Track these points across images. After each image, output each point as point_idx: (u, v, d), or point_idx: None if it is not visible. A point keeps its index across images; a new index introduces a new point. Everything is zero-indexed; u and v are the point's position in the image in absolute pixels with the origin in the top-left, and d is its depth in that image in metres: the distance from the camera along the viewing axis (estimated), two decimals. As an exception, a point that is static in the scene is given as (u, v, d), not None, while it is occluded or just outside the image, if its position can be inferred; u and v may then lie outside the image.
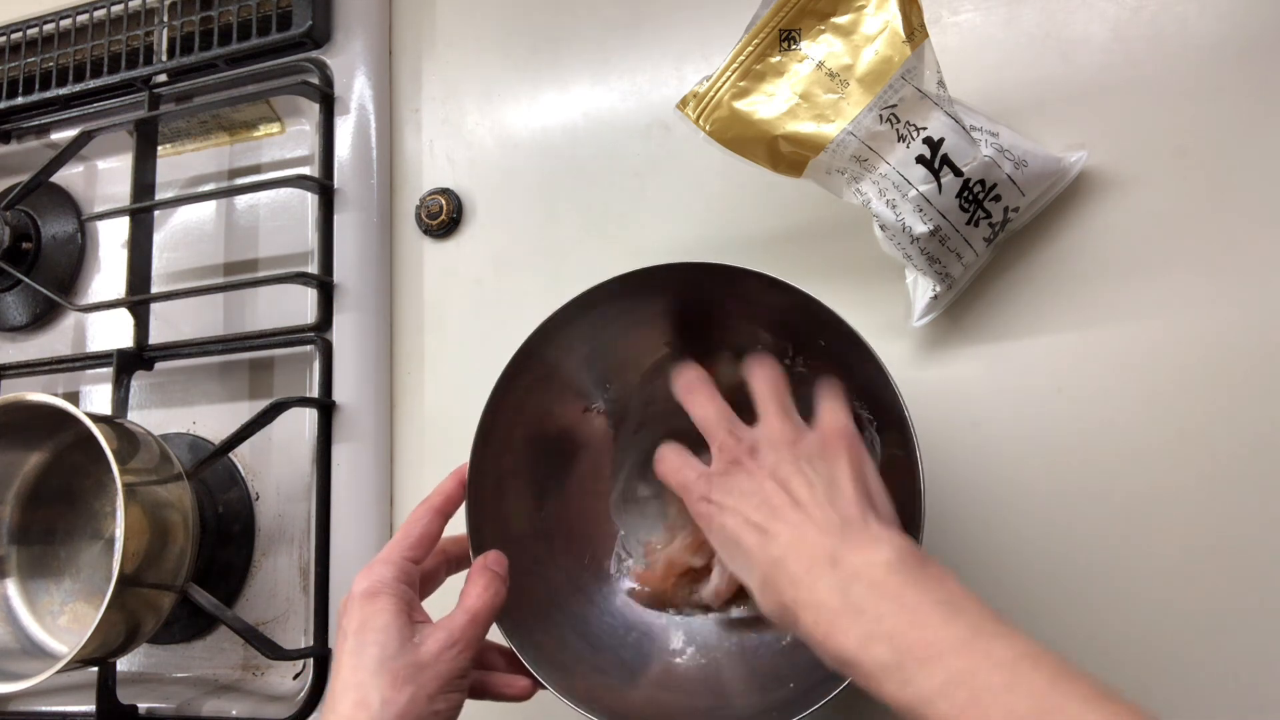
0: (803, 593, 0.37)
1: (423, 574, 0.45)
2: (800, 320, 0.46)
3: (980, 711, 0.31)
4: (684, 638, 0.51)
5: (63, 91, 0.72)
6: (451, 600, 0.44)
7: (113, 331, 0.73)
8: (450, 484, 0.46)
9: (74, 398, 0.73)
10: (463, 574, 0.46)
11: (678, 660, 0.50)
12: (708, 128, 0.48)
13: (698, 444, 0.45)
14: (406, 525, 0.45)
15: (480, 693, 0.44)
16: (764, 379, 0.45)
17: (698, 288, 0.47)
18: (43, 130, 0.75)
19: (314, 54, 0.67)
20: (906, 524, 0.43)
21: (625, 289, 0.46)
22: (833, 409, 0.43)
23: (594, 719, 0.42)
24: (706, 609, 0.51)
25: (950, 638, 0.33)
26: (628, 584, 0.52)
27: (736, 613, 0.51)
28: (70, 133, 0.72)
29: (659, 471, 0.46)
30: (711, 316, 0.49)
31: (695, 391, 0.46)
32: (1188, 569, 0.47)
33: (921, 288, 0.50)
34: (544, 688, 0.43)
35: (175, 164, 0.73)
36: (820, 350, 0.48)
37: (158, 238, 0.70)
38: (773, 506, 0.40)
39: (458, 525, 0.46)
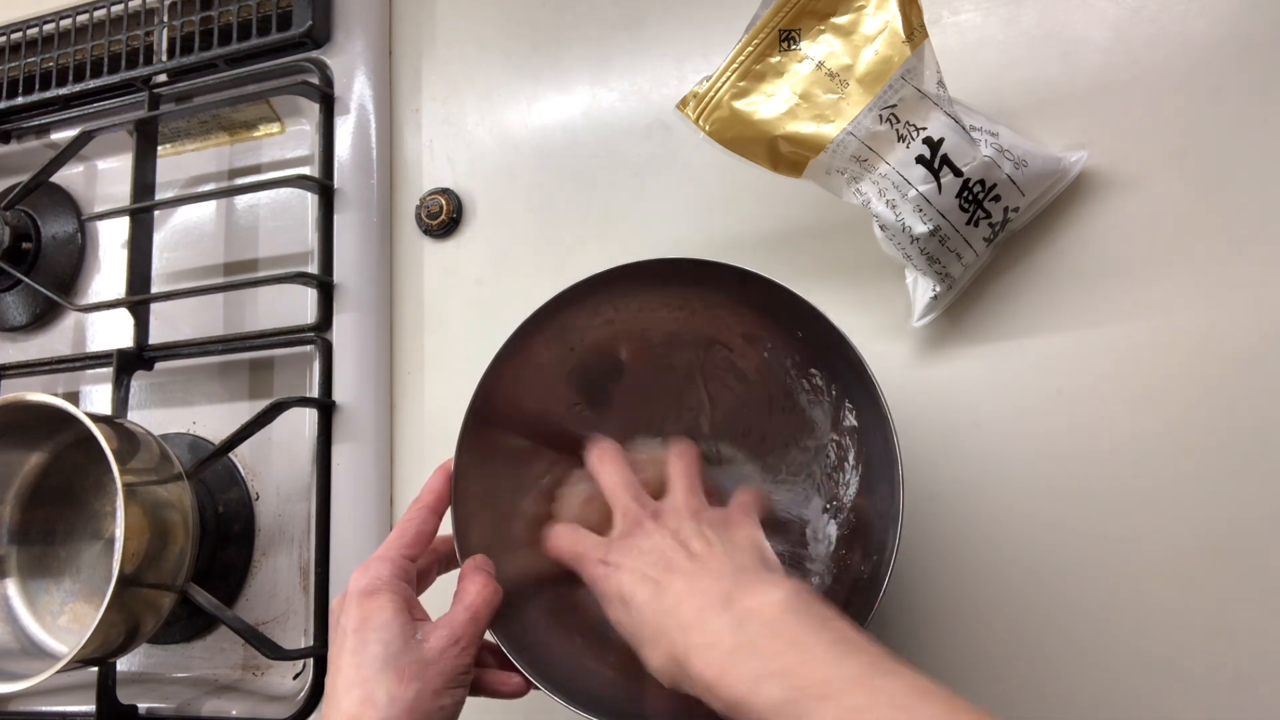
0: (694, 635, 0.37)
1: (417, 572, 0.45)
2: (779, 313, 0.46)
3: None
4: None
5: (63, 91, 0.72)
6: (439, 601, 0.44)
7: (113, 331, 0.73)
8: (438, 480, 0.46)
9: (74, 398, 0.73)
10: (451, 574, 0.46)
11: None
12: (707, 128, 0.48)
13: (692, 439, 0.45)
14: (402, 524, 0.45)
15: (476, 690, 0.44)
16: (680, 461, 0.46)
17: (675, 283, 0.47)
18: (43, 130, 0.75)
19: (314, 54, 0.67)
20: (886, 517, 0.43)
21: (595, 287, 0.46)
22: (743, 498, 0.45)
23: (584, 715, 0.42)
24: None
25: (844, 675, 0.33)
26: None
27: None
28: (70, 133, 0.72)
29: (552, 550, 0.46)
30: (691, 310, 0.49)
31: (605, 460, 0.47)
32: (1188, 568, 0.47)
33: (921, 288, 0.50)
34: (536, 687, 0.43)
35: (175, 164, 0.73)
36: (798, 342, 0.48)
37: (158, 238, 0.70)
38: (669, 560, 0.41)
39: (448, 524, 0.46)
